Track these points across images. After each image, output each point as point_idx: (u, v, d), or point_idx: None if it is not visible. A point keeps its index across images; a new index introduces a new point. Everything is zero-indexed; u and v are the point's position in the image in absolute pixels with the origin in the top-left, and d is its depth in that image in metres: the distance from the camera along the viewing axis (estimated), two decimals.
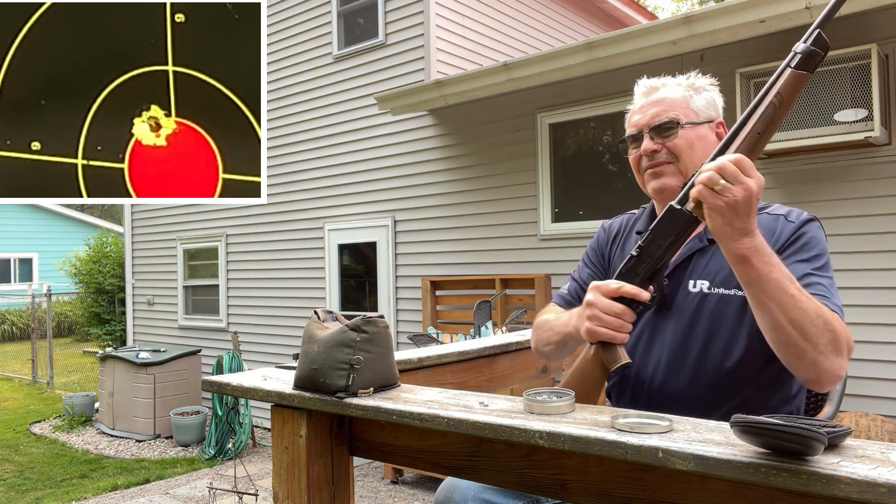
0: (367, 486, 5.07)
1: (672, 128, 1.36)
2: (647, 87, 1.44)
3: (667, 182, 1.37)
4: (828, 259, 1.25)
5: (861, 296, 3.82)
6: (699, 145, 1.36)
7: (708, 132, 1.39)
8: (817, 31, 1.09)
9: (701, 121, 1.38)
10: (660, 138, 1.37)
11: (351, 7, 6.68)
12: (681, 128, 1.36)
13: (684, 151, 1.35)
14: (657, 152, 1.38)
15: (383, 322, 1.13)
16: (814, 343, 1.06)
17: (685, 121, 1.37)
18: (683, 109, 1.38)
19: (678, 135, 1.36)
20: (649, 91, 1.43)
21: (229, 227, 7.84)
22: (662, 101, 1.39)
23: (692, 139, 1.36)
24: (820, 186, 3.95)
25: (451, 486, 1.42)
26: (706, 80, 1.43)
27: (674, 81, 1.43)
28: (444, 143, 5.85)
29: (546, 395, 0.94)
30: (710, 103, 1.40)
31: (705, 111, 1.39)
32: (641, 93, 1.45)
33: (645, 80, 1.46)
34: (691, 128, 1.37)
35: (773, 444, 0.70)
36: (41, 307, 12.85)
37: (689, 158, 1.35)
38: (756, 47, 4.05)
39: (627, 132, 1.44)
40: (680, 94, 1.39)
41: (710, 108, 1.40)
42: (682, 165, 1.36)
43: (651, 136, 1.38)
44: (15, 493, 5.53)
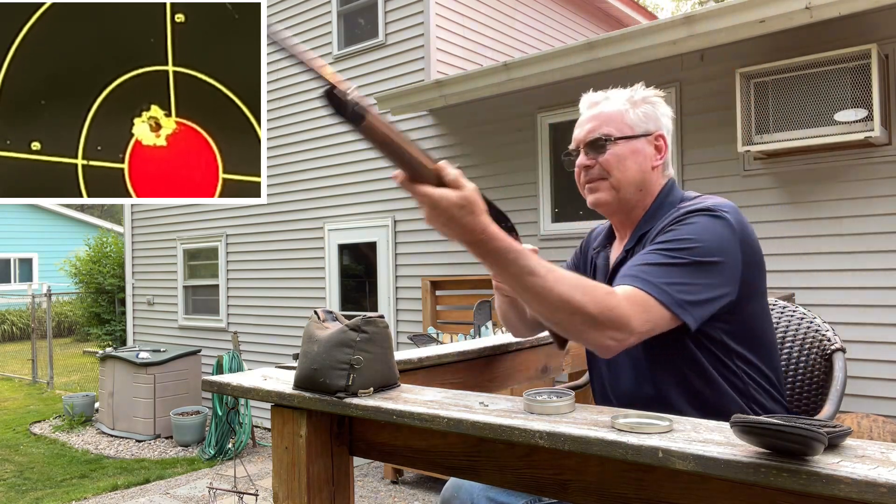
0: (367, 486, 5.07)
1: (603, 144, 1.37)
2: (589, 102, 1.45)
3: (600, 197, 1.39)
4: (687, 245, 1.20)
5: (861, 296, 3.82)
6: (632, 159, 1.37)
7: (644, 146, 1.38)
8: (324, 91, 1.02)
9: (637, 134, 1.37)
10: (593, 153, 1.38)
11: (351, 7, 6.68)
12: (613, 143, 1.36)
13: (615, 167, 1.36)
14: (591, 168, 1.39)
15: (383, 322, 1.13)
16: (565, 324, 1.13)
17: (618, 135, 1.36)
18: (618, 124, 1.37)
19: (609, 150, 1.36)
20: (590, 105, 1.44)
21: (229, 227, 7.84)
22: (598, 115, 1.40)
23: (624, 154, 1.36)
24: (820, 186, 3.94)
25: (457, 485, 1.43)
26: (649, 92, 1.43)
27: (616, 94, 1.42)
28: (444, 143, 5.85)
29: (546, 395, 0.94)
30: (648, 116, 1.39)
31: (642, 124, 1.38)
32: (584, 107, 1.45)
33: (589, 95, 1.46)
34: (625, 142, 1.37)
35: (773, 444, 0.70)
36: (41, 307, 12.86)
37: (620, 174, 1.36)
38: (756, 47, 4.05)
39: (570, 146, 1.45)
40: (617, 107, 1.39)
41: (647, 121, 1.39)
42: (615, 180, 1.37)
43: (586, 152, 1.39)
44: (15, 493, 5.53)
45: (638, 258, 1.24)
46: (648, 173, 1.38)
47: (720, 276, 1.20)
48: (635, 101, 1.40)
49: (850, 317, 3.80)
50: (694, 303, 1.17)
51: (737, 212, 1.28)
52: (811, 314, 1.65)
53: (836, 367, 1.51)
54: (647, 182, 1.38)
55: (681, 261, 1.19)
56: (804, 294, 3.91)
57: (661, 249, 1.22)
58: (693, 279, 1.18)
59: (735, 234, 1.23)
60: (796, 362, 1.61)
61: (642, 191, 1.39)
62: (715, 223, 1.23)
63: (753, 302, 1.30)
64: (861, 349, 3.71)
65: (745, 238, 1.25)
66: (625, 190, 1.37)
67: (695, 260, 1.19)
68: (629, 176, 1.36)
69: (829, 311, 3.80)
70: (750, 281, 1.26)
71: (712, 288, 1.19)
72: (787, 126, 3.78)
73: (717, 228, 1.23)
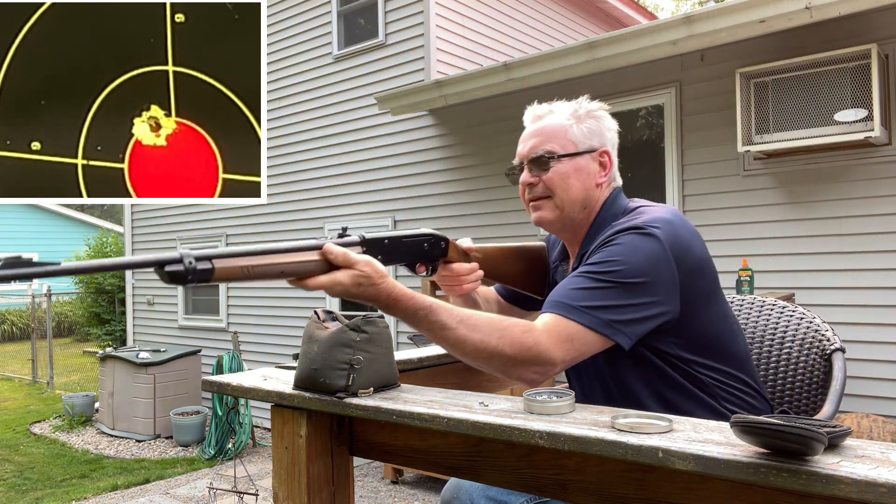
0: (367, 486, 5.07)
1: (546, 161, 1.34)
2: (533, 115, 1.42)
3: (543, 216, 1.38)
4: (612, 268, 1.18)
5: (861, 296, 3.82)
6: (575, 178, 1.34)
7: (588, 162, 1.35)
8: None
9: (581, 150, 1.35)
10: (536, 171, 1.36)
11: (351, 7, 6.68)
12: (556, 161, 1.34)
13: (559, 186, 1.34)
14: (534, 185, 1.37)
15: (383, 322, 1.13)
16: (485, 367, 1.16)
17: (561, 153, 1.34)
18: (562, 140, 1.34)
19: (553, 168, 1.34)
20: (534, 119, 1.41)
21: (229, 227, 7.84)
22: (542, 131, 1.37)
23: (568, 172, 1.34)
24: (820, 186, 3.94)
25: (457, 486, 1.43)
26: (594, 106, 1.39)
27: (561, 108, 1.39)
28: (444, 143, 5.85)
29: (546, 395, 0.94)
30: (593, 132, 1.36)
31: (586, 140, 1.35)
32: (528, 120, 1.42)
33: (533, 107, 1.43)
34: (568, 160, 1.34)
35: (773, 444, 0.70)
36: (41, 307, 12.86)
37: (563, 192, 1.34)
38: (756, 47, 4.05)
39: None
40: (560, 122, 1.36)
41: (592, 136, 1.36)
42: (558, 200, 1.35)
43: (529, 168, 1.37)
44: (15, 493, 5.53)
45: (564, 282, 1.23)
46: (592, 191, 1.36)
47: (651, 295, 1.17)
48: (580, 116, 1.37)
49: (850, 317, 3.80)
50: (624, 322, 1.15)
51: (670, 224, 1.23)
52: (811, 314, 1.65)
53: (835, 367, 1.50)
54: (591, 199, 1.36)
55: (605, 283, 1.17)
56: (804, 294, 3.91)
57: (586, 273, 1.20)
58: (619, 300, 1.16)
59: (665, 250, 1.19)
60: (796, 362, 1.61)
61: (587, 209, 1.36)
62: (642, 242, 1.20)
63: (705, 310, 1.26)
64: (861, 349, 3.71)
65: (678, 251, 1.21)
66: (568, 209, 1.35)
67: (620, 281, 1.17)
68: (573, 195, 1.34)
69: (829, 311, 3.80)
70: (693, 288, 1.22)
71: (644, 307, 1.17)
72: (787, 126, 3.78)
73: (645, 247, 1.19)
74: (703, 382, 1.26)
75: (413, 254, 1.32)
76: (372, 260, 1.11)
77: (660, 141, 4.57)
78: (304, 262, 1.07)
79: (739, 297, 1.76)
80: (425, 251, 1.34)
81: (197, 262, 0.98)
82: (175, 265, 0.96)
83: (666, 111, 4.53)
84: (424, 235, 1.33)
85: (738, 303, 1.74)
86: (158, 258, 0.96)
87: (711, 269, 1.30)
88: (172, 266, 0.96)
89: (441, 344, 1.15)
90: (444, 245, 1.37)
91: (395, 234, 1.28)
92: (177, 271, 0.96)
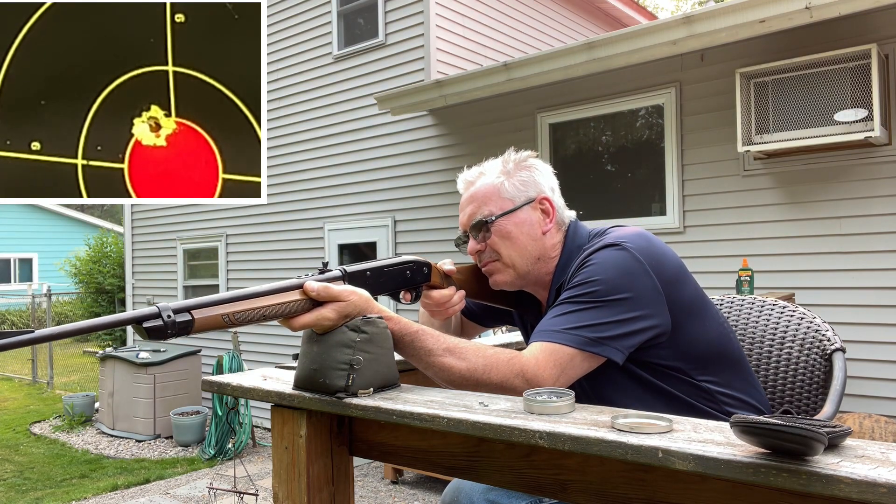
0: (367, 486, 5.07)
1: (482, 227, 1.35)
2: (465, 182, 1.43)
3: (498, 279, 1.39)
4: (591, 289, 1.18)
5: (861, 296, 3.82)
6: (519, 232, 1.34)
7: (529, 214, 1.36)
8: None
9: (518, 205, 1.35)
10: (480, 236, 1.37)
11: (351, 7, 6.68)
12: (494, 223, 1.34)
13: (503, 245, 1.34)
14: (482, 251, 1.38)
15: (383, 322, 1.13)
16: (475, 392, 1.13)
17: (498, 213, 1.34)
18: (497, 201, 1.35)
19: (494, 231, 1.34)
20: (467, 186, 1.42)
21: (229, 227, 7.84)
22: (475, 195, 1.38)
23: (509, 230, 1.34)
24: (820, 186, 3.95)
25: (458, 488, 1.43)
26: (521, 156, 1.40)
27: (490, 168, 1.40)
28: (444, 143, 5.85)
29: (546, 395, 0.94)
30: (526, 182, 1.37)
31: (521, 193, 1.36)
32: (461, 188, 1.43)
33: (464, 173, 1.44)
34: (507, 218, 1.34)
35: (773, 444, 0.70)
36: (41, 307, 12.87)
37: (510, 250, 1.34)
38: (756, 47, 4.05)
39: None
40: (491, 181, 1.37)
41: (527, 187, 1.36)
42: (506, 258, 1.35)
43: (473, 236, 1.38)
44: (15, 493, 5.53)
45: (549, 314, 1.23)
46: (540, 240, 1.36)
47: (637, 309, 1.17)
48: (509, 171, 1.38)
49: (850, 317, 3.80)
50: (611, 337, 1.15)
51: (641, 237, 1.24)
52: (811, 314, 1.65)
53: (836, 366, 1.50)
54: (543, 249, 1.36)
55: (587, 304, 1.17)
56: (804, 294, 3.91)
57: (567, 299, 1.20)
58: (603, 318, 1.16)
59: (641, 262, 1.19)
60: (796, 362, 1.61)
61: (541, 259, 1.36)
62: (616, 257, 1.20)
63: (696, 318, 1.26)
64: (861, 349, 3.71)
65: (654, 262, 1.21)
66: (521, 265, 1.35)
67: (602, 300, 1.17)
68: (520, 250, 1.34)
69: (829, 311, 3.80)
70: (679, 298, 1.22)
71: (631, 322, 1.17)
72: (787, 126, 3.78)
73: (620, 262, 1.20)
74: (703, 390, 1.26)
75: (396, 282, 1.32)
76: (355, 288, 1.12)
77: (660, 141, 4.57)
78: (286, 303, 1.08)
79: (739, 297, 1.76)
80: (408, 278, 1.34)
81: (175, 314, 0.97)
82: (153, 321, 0.95)
83: (666, 111, 4.53)
84: (406, 263, 1.33)
85: (739, 303, 1.74)
86: (135, 315, 0.95)
87: (691, 277, 1.30)
88: (150, 322, 0.95)
89: (427, 370, 1.16)
90: (426, 270, 1.37)
91: (376, 264, 1.28)
92: (155, 326, 0.95)
